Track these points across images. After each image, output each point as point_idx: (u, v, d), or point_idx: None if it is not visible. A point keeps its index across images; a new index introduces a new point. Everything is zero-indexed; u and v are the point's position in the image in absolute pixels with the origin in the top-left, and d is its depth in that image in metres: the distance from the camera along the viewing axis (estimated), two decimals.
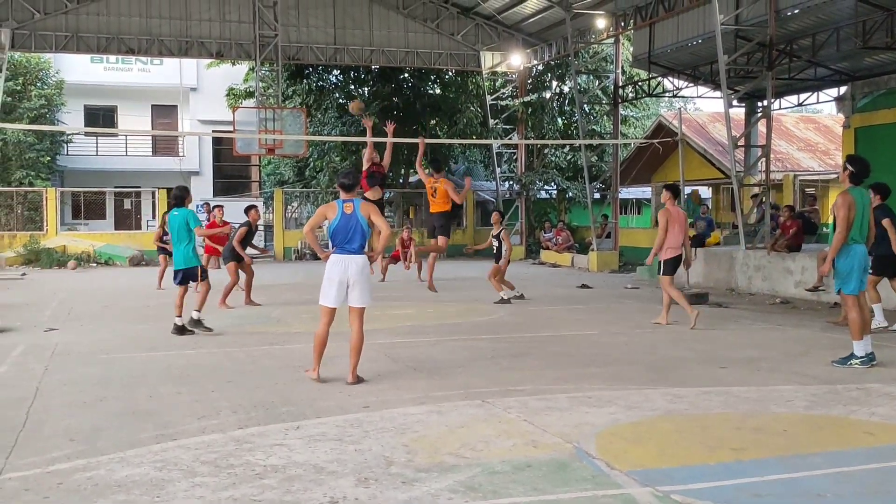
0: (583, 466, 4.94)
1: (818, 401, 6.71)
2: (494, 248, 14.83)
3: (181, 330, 10.45)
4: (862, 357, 8.05)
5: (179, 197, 10.80)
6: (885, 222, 10.25)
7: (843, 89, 21.93)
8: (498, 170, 29.30)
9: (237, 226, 14.43)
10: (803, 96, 23.61)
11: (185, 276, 10.69)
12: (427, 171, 14.76)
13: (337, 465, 4.98)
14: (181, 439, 5.59)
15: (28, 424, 6.09)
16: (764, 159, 17.93)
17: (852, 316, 8.14)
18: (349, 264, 7.34)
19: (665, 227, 11.22)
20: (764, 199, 18.06)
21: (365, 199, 9.22)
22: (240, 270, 13.89)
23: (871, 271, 9.36)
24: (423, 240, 18.97)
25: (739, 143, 18.55)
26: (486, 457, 5.13)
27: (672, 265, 11.36)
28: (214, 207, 18.26)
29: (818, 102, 24.28)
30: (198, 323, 10.65)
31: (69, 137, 34.69)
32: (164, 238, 17.29)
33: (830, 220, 17.75)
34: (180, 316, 10.55)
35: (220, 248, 15.66)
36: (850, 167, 8.22)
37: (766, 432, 5.74)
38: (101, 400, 6.88)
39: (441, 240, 13.41)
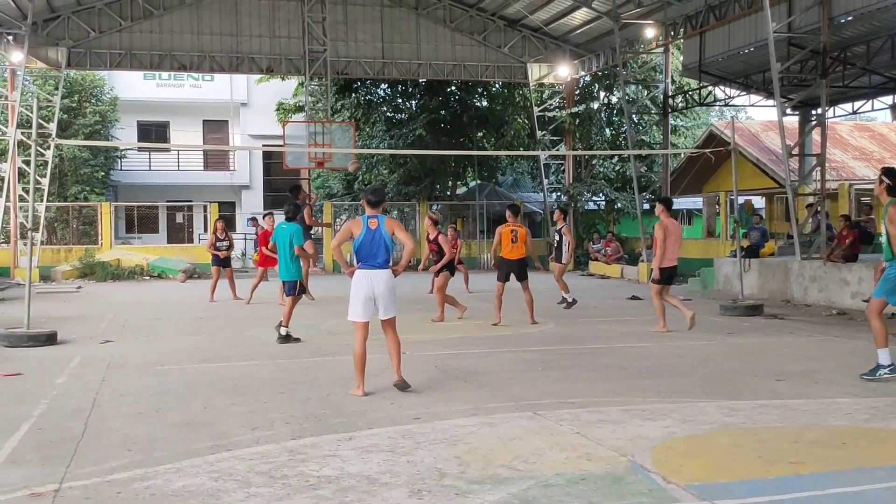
0: (638, 480, 4.88)
1: (878, 413, 6.56)
2: (555, 242, 15.51)
3: (285, 338, 10.85)
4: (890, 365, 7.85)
5: (292, 212, 11.41)
6: None
7: None
8: (545, 181, 29.23)
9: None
10: (857, 104, 23.21)
11: (290, 288, 11.23)
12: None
13: (390, 477, 4.98)
14: (236, 450, 5.65)
15: (86, 434, 6.19)
16: (819, 168, 17.64)
17: (874, 324, 8.03)
18: (375, 279, 7.48)
19: (663, 240, 11.60)
20: (819, 209, 17.75)
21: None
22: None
23: None
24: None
25: (793, 152, 18.28)
26: (539, 469, 5.09)
27: (668, 274, 11.77)
28: (265, 216, 18.41)
29: (873, 110, 23.84)
30: (287, 337, 10.92)
31: (123, 153, 35.39)
32: (217, 245, 17.60)
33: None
34: (286, 326, 10.95)
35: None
36: (886, 179, 8.01)
37: (825, 446, 5.62)
38: (156, 411, 6.98)
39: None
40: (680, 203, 32.17)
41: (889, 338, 8.02)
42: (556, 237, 15.66)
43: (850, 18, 17.23)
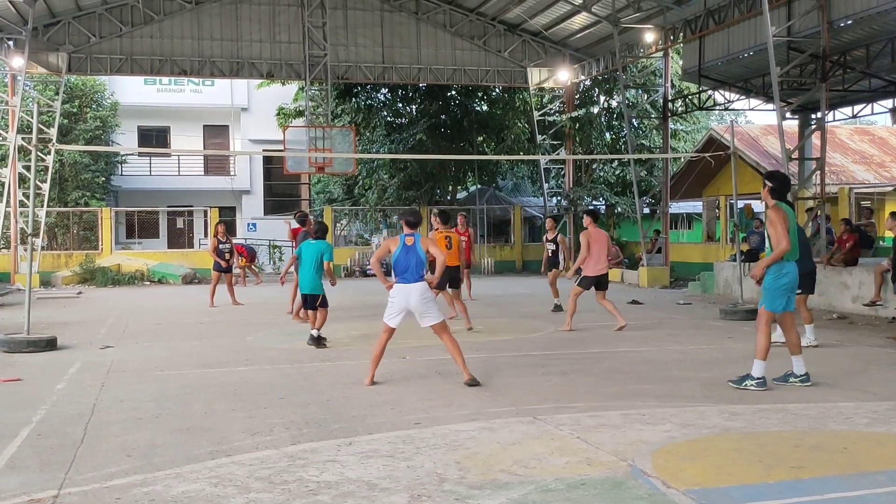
0: (638, 485, 4.87)
1: (879, 417, 6.55)
2: (550, 252, 15.44)
3: (317, 341, 11.02)
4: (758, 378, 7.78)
5: (321, 231, 11.68)
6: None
7: None
8: (546, 185, 29.23)
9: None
10: (857, 108, 23.20)
11: (311, 301, 11.37)
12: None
13: (390, 482, 4.98)
14: (235, 455, 5.64)
15: (86, 440, 6.19)
16: (818, 172, 17.64)
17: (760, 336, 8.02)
18: (410, 293, 8.08)
19: (587, 247, 12.63)
20: (819, 213, 17.74)
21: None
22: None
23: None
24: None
25: (793, 157, 18.28)
26: (539, 474, 5.09)
27: (589, 281, 12.68)
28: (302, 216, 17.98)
29: (873, 114, 23.85)
30: (318, 340, 11.07)
31: (123, 158, 35.43)
32: (220, 248, 17.55)
33: (887, 234, 17.42)
34: (316, 328, 11.15)
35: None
36: (769, 183, 8.05)
37: (826, 450, 5.61)
38: (156, 416, 6.98)
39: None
40: (680, 207, 32.22)
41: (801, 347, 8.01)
42: (551, 247, 15.48)
43: (849, 22, 17.21)
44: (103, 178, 32.26)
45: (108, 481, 5.11)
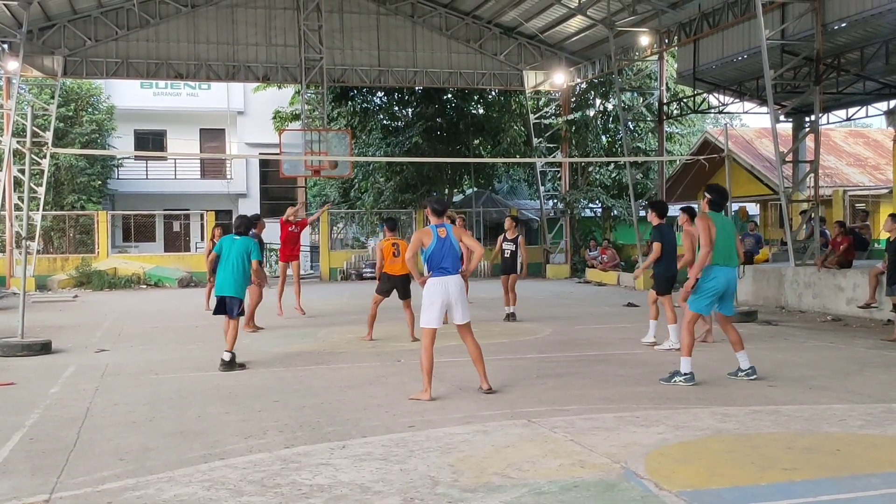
0: (631, 487, 4.88)
1: (873, 420, 6.56)
2: (508, 253, 14.45)
3: (230, 365, 9.52)
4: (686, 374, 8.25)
5: (244, 226, 10.21)
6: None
7: (892, 103, 21.56)
8: (542, 188, 29.24)
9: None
10: (852, 110, 23.24)
11: (229, 305, 9.85)
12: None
13: (382, 485, 4.98)
14: (229, 458, 5.64)
15: (79, 444, 6.18)
16: (812, 175, 17.67)
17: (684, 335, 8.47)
18: (449, 284, 7.72)
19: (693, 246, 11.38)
20: (813, 216, 17.77)
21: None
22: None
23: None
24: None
25: (787, 159, 18.30)
26: (532, 477, 5.09)
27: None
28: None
29: (867, 116, 23.93)
30: (231, 364, 9.54)
31: (120, 161, 35.37)
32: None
33: (883, 237, 17.44)
34: (228, 348, 9.69)
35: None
36: (708, 195, 8.57)
37: (819, 452, 5.62)
38: (150, 420, 6.97)
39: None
40: (675, 210, 32.23)
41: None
42: (511, 247, 14.44)
43: (843, 25, 17.25)
44: (99, 182, 32.20)
45: (100, 485, 5.11)
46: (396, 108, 31.21)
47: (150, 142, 38.25)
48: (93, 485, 5.12)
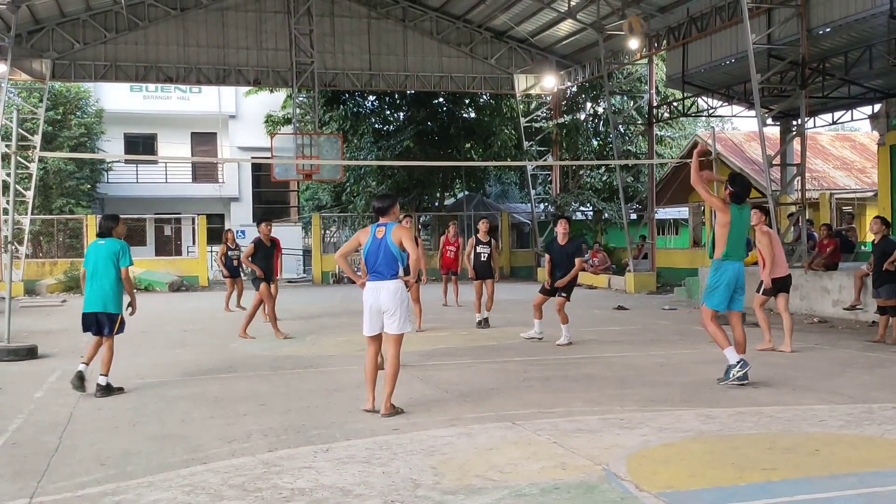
0: (611, 488, 4.90)
1: (852, 420, 6.59)
2: (484, 256, 13.99)
3: (107, 390, 8.33)
4: (736, 362, 8.08)
5: (106, 227, 8.68)
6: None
7: (877, 107, 21.66)
8: (533, 192, 29.29)
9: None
10: (838, 114, 23.36)
11: (100, 324, 8.58)
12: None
13: (364, 488, 4.98)
14: (210, 463, 5.64)
15: (60, 449, 6.17)
16: (799, 178, 17.74)
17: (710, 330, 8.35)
18: (380, 290, 7.06)
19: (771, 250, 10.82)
20: (800, 218, 17.84)
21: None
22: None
23: None
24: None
25: (774, 162, 18.38)
26: (513, 479, 5.10)
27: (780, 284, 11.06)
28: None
29: (853, 120, 23.99)
30: (108, 389, 8.37)
31: (109, 165, 35.32)
32: (229, 255, 17.69)
33: (868, 239, 17.52)
34: (103, 371, 8.46)
35: None
36: (730, 187, 8.44)
37: (798, 452, 5.64)
38: (133, 425, 6.96)
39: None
40: (666, 213, 32.34)
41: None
42: (486, 249, 13.98)
43: (828, 30, 17.35)
44: (88, 186, 32.17)
45: (80, 490, 5.10)
46: (388, 112, 31.26)
47: (141, 145, 38.22)
48: (73, 489, 5.11)
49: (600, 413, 7.03)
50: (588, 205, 29.57)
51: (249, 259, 13.24)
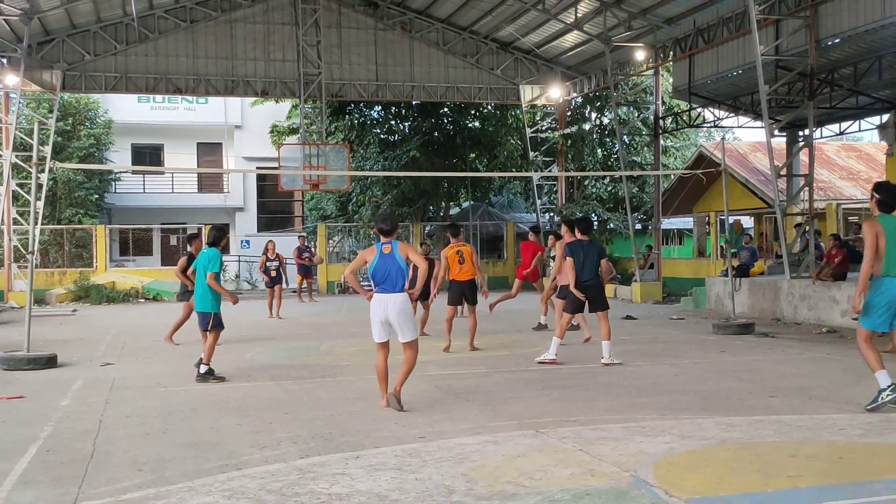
0: (642, 494, 5.01)
1: (873, 429, 6.70)
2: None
3: (205, 376, 9.77)
4: (888, 385, 7.42)
5: (215, 237, 10.32)
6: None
7: (885, 117, 21.81)
8: (538, 202, 29.42)
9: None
10: (845, 125, 23.50)
11: (201, 321, 10.19)
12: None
13: (399, 494, 5.09)
14: (246, 469, 5.75)
15: (96, 455, 6.29)
16: (807, 189, 17.87)
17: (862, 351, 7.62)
18: (388, 303, 7.70)
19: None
20: (808, 229, 17.97)
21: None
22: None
23: None
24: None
25: (782, 173, 18.52)
26: (545, 485, 5.21)
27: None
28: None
29: (860, 130, 24.15)
30: (206, 374, 9.80)
31: (117, 175, 35.48)
32: (268, 265, 18.26)
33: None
34: (206, 363, 9.89)
35: None
36: (876, 195, 7.71)
37: (822, 459, 5.76)
38: (163, 431, 7.08)
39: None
40: (671, 223, 32.47)
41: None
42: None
43: (836, 41, 17.50)
44: (97, 196, 32.32)
45: (122, 495, 5.22)
46: (393, 122, 31.41)
47: (148, 156, 38.40)
48: (114, 494, 5.22)
49: (621, 421, 7.14)
50: (593, 214, 29.66)
51: (183, 272, 13.43)
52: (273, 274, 18.71)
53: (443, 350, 12.09)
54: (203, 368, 9.80)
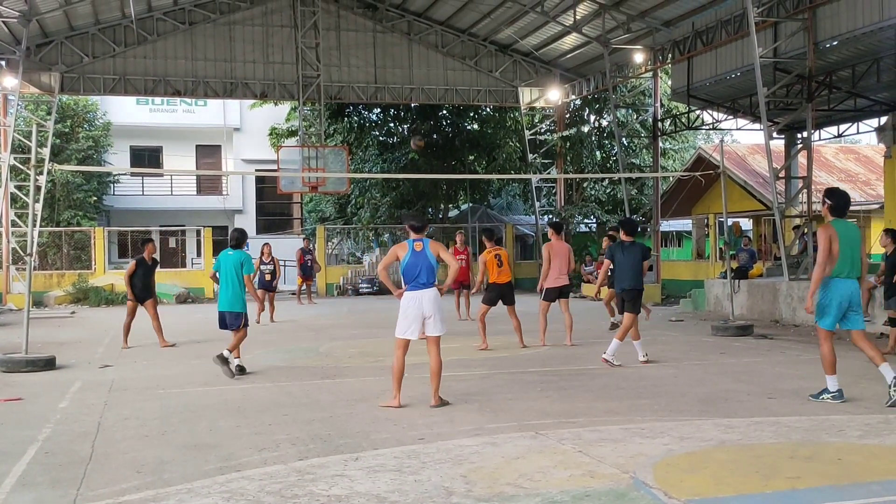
0: (641, 496, 5.00)
1: (871, 430, 6.71)
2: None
3: (241, 369, 10.36)
4: (833, 392, 7.94)
5: (237, 239, 10.60)
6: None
7: (883, 119, 21.82)
8: (537, 204, 29.44)
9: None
10: (843, 127, 23.51)
11: (230, 321, 10.46)
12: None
13: (399, 496, 5.09)
14: (245, 470, 5.75)
15: (94, 457, 6.28)
16: (805, 191, 17.89)
17: (822, 350, 8.07)
18: (423, 298, 7.89)
19: (548, 259, 12.60)
20: (806, 231, 17.98)
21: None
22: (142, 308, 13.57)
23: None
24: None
25: (780, 175, 18.54)
26: (544, 487, 5.21)
27: (553, 293, 12.79)
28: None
29: (858, 133, 24.15)
30: (241, 368, 10.37)
31: (116, 178, 35.48)
32: (262, 268, 18.12)
33: (877, 252, 17.63)
34: (237, 355, 10.47)
35: None
36: (828, 201, 8.11)
37: (821, 461, 5.76)
38: (162, 433, 7.07)
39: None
40: (670, 225, 32.48)
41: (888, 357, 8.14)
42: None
43: (835, 43, 17.53)
44: (95, 198, 32.31)
45: (121, 497, 5.21)
46: (392, 125, 31.44)
47: (146, 158, 38.40)
48: (113, 496, 5.22)
49: (620, 423, 7.14)
50: (592, 217, 29.71)
51: (130, 277, 13.47)
52: (267, 278, 18.09)
53: (479, 349, 12.44)
54: (236, 361, 10.24)
